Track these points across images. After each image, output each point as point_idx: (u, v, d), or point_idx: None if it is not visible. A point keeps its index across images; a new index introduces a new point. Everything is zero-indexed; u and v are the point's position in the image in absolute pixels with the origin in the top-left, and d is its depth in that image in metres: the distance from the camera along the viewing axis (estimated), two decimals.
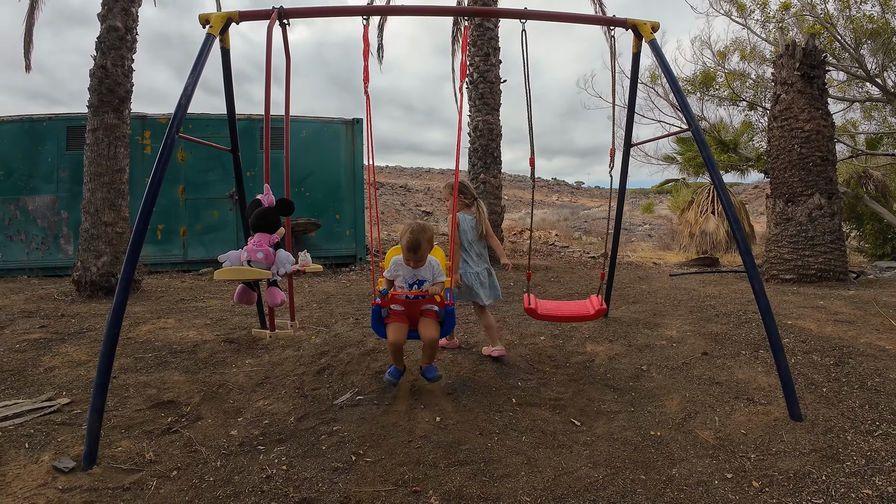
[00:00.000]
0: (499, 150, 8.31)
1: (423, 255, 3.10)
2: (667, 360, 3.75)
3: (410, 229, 3.10)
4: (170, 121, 2.84)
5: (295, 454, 2.58)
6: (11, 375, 3.57)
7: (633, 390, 3.28)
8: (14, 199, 8.52)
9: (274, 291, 3.28)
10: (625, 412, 2.98)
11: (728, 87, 12.49)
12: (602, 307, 3.37)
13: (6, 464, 2.46)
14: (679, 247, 13.45)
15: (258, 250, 3.00)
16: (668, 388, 3.27)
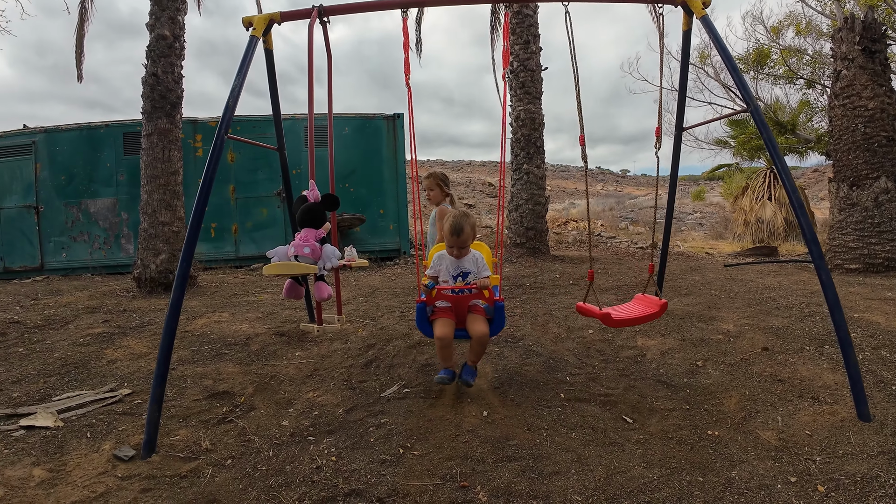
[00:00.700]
0: (541, 140, 8.14)
1: (465, 240, 3.00)
2: (724, 356, 3.57)
3: (452, 215, 3.05)
4: (219, 123, 2.91)
5: (344, 445, 2.61)
6: (75, 368, 3.78)
7: (688, 387, 3.13)
8: (76, 202, 9.08)
9: (321, 286, 3.32)
10: (679, 410, 2.85)
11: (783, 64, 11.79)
12: (663, 302, 3.16)
13: (68, 453, 2.58)
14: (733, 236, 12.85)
15: (305, 245, 3.04)
16: (727, 386, 3.11)
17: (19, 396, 3.27)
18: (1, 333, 4.60)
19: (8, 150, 9.14)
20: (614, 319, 2.99)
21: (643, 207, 17.49)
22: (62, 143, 9.07)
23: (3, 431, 2.78)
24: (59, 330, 4.79)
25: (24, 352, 4.11)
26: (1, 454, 2.54)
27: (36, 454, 2.55)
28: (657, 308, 3.12)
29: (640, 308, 3.22)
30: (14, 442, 2.66)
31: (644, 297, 3.38)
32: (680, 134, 3.67)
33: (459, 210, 3.13)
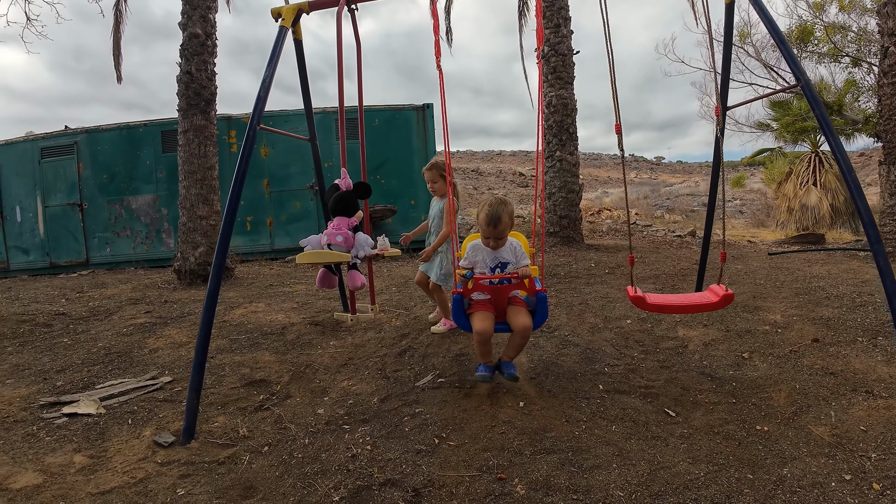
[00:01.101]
0: (574, 126, 7.92)
1: (503, 230, 2.84)
2: (771, 347, 3.40)
3: (489, 203, 2.86)
4: (251, 115, 2.93)
5: (379, 434, 2.60)
6: (118, 357, 3.89)
7: (734, 380, 2.99)
8: (118, 199, 9.41)
9: (354, 275, 3.31)
10: (725, 403, 2.72)
11: (827, 41, 11.19)
12: (728, 292, 2.76)
13: (109, 439, 2.64)
14: (776, 223, 12.31)
15: (337, 233, 3.02)
16: (775, 379, 2.95)
17: (63, 385, 3.38)
18: (46, 325, 4.80)
19: (51, 150, 9.54)
20: (648, 304, 2.81)
21: (679, 195, 16.94)
22: (103, 142, 9.39)
23: (46, 419, 2.87)
24: (103, 321, 4.96)
25: (68, 342, 4.27)
26: (42, 441, 2.62)
27: (77, 441, 2.62)
28: (717, 298, 2.81)
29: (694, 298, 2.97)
30: (56, 429, 2.74)
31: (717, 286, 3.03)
32: (724, 114, 3.49)
33: (496, 197, 2.92)
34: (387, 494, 2.12)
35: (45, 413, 2.95)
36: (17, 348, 4.13)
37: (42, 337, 4.45)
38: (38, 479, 2.29)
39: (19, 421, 2.85)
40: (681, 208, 14.16)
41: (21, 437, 2.67)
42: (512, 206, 2.92)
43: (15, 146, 9.68)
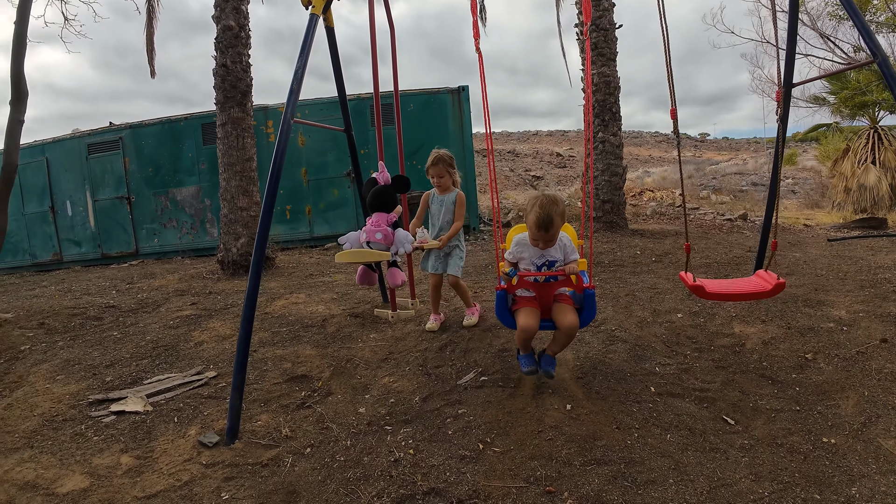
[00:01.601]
0: (617, 105, 7.54)
1: (554, 233, 2.61)
2: (837, 348, 3.15)
3: (539, 203, 2.59)
4: (284, 108, 2.86)
5: (421, 437, 2.55)
6: (165, 351, 3.97)
7: (797, 384, 2.78)
8: (164, 191, 9.69)
9: (394, 272, 3.25)
10: (788, 411, 2.54)
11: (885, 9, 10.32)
12: (780, 281, 2.67)
13: (155, 439, 2.66)
14: (831, 204, 11.55)
15: (377, 231, 2.95)
16: (842, 384, 2.73)
17: (112, 380, 3.45)
18: (97, 318, 4.96)
19: (98, 146, 9.88)
20: (707, 292, 2.66)
21: (726, 174, 16.02)
22: (146, 137, 9.66)
23: (94, 417, 2.92)
24: (151, 313, 5.10)
25: (118, 335, 4.39)
26: (90, 441, 2.65)
27: (125, 440, 2.65)
28: (770, 286, 2.66)
29: (748, 285, 2.82)
30: (104, 428, 2.78)
31: (765, 273, 2.93)
32: (789, 92, 3.19)
33: (546, 195, 2.63)
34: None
35: (94, 411, 3.00)
36: (67, 343, 4.27)
37: (92, 330, 4.60)
38: (85, 482, 2.32)
39: (68, 420, 2.91)
40: (728, 188, 13.40)
41: (69, 436, 2.71)
42: (563, 205, 2.66)
43: (63, 143, 10.08)
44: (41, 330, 4.61)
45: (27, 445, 2.63)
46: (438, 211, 3.90)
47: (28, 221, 10.48)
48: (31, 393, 3.27)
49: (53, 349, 4.11)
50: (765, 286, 2.71)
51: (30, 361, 3.86)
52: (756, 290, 2.70)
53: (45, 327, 4.67)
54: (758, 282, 2.83)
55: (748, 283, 2.89)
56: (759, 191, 12.90)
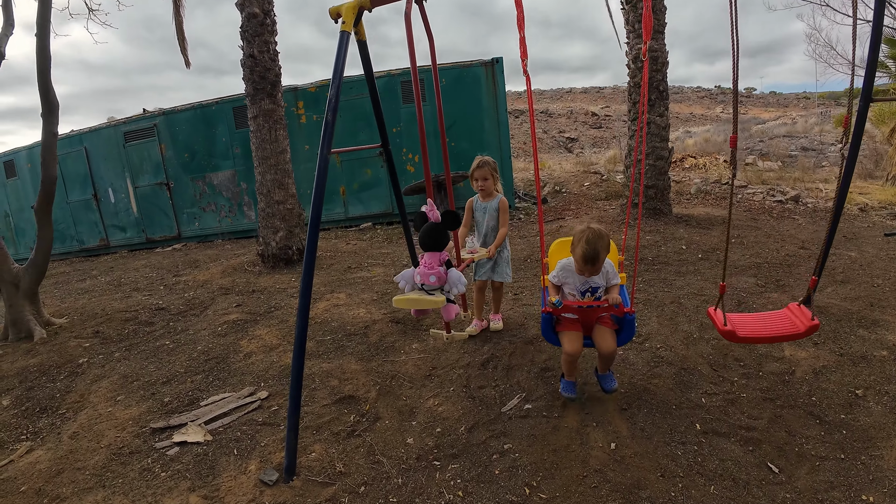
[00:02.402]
0: (665, 84, 7.00)
1: (600, 266, 2.81)
2: (888, 383, 2.98)
3: (586, 238, 2.72)
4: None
5: (469, 476, 2.60)
6: (217, 364, 4.09)
7: (845, 426, 2.66)
8: (201, 176, 9.84)
9: (449, 308, 3.19)
10: (833, 459, 2.44)
11: None
12: (814, 322, 2.61)
13: (219, 475, 2.73)
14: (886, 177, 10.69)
15: (430, 273, 2.89)
16: (888, 431, 2.59)
17: (170, 401, 3.57)
18: (149, 323, 5.17)
19: (135, 134, 10.04)
20: (738, 337, 2.62)
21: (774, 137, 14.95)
22: (180, 123, 9.74)
23: (159, 450, 3.00)
24: (199, 316, 5.28)
25: (170, 345, 4.56)
26: (158, 478, 2.73)
27: (191, 477, 2.71)
28: (804, 328, 2.60)
29: (780, 326, 2.72)
30: (169, 462, 2.86)
31: (798, 308, 2.83)
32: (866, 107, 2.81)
33: (592, 228, 2.75)
34: None
35: (157, 441, 3.10)
36: (123, 353, 4.46)
37: (145, 338, 4.79)
38: None
39: (134, 452, 3.00)
40: (776, 153, 12.49)
41: (138, 473, 2.79)
42: (608, 238, 2.81)
43: (99, 132, 10.29)
44: (96, 339, 4.81)
45: (99, 485, 2.73)
46: (482, 218, 3.96)
47: (73, 209, 10.89)
48: (94, 418, 3.40)
49: (110, 362, 4.28)
50: (798, 327, 2.61)
51: (89, 377, 4.02)
52: (790, 332, 2.61)
53: (101, 336, 4.87)
54: (791, 320, 2.72)
55: (781, 320, 2.76)
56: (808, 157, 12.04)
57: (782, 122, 19.72)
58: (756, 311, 4.01)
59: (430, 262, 2.93)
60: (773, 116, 24.85)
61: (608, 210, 8.04)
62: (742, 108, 32.07)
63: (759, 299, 4.29)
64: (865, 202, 7.76)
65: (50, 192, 5.17)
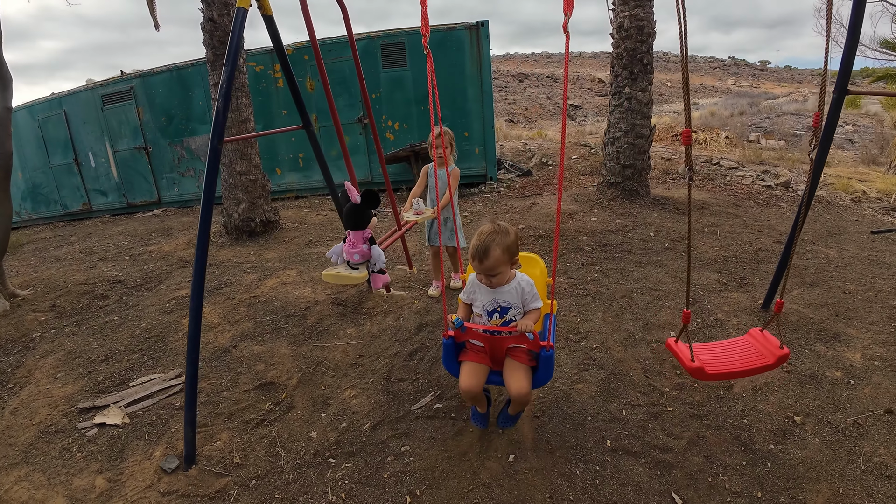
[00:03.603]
0: (650, 56, 6.47)
1: (492, 266, 2.25)
2: (833, 411, 2.70)
3: (479, 231, 2.30)
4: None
5: (358, 478, 2.53)
6: (155, 342, 4.08)
7: (771, 459, 2.41)
8: (178, 140, 9.64)
9: (376, 278, 3.33)
10: (747, 497, 2.20)
11: None
12: (783, 352, 2.30)
13: (126, 459, 2.79)
14: (888, 165, 10.09)
15: (354, 252, 3.04)
16: (820, 470, 2.33)
17: (103, 380, 3.58)
18: (103, 297, 5.13)
19: (112, 97, 9.80)
20: (708, 374, 2.28)
21: (781, 114, 14.14)
22: (156, 86, 9.48)
23: (80, 430, 3.06)
24: (152, 290, 5.22)
25: (118, 321, 4.52)
26: (74, 458, 2.81)
27: (101, 459, 2.78)
28: (773, 360, 2.31)
29: (749, 359, 2.40)
30: (86, 444, 2.92)
31: (761, 335, 2.50)
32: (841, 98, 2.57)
33: (494, 224, 2.32)
34: None
35: (81, 421, 3.15)
36: (73, 329, 4.45)
37: (97, 313, 4.76)
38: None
39: (60, 431, 3.07)
40: (781, 131, 11.82)
41: (58, 452, 2.88)
42: (513, 237, 2.31)
43: (78, 95, 10.07)
44: (52, 313, 4.82)
45: (24, 461, 2.82)
46: (437, 185, 4.17)
47: (55, 174, 10.81)
48: (34, 394, 3.47)
49: (60, 337, 4.30)
50: (766, 358, 2.32)
51: (39, 352, 4.07)
52: (759, 364, 2.31)
53: (56, 310, 4.88)
54: (758, 350, 2.41)
55: (747, 351, 2.44)
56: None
57: (793, 98, 18.76)
58: (709, 312, 3.83)
59: (355, 240, 3.05)
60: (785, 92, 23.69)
61: (587, 187, 7.73)
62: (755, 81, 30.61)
63: (716, 298, 4.05)
64: (863, 190, 7.34)
65: (6, 168, 5.10)
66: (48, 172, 10.77)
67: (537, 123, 17.80)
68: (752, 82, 30.50)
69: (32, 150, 10.84)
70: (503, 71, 27.35)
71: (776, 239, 5.28)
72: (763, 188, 7.41)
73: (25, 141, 10.72)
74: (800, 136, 11.43)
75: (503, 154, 10.70)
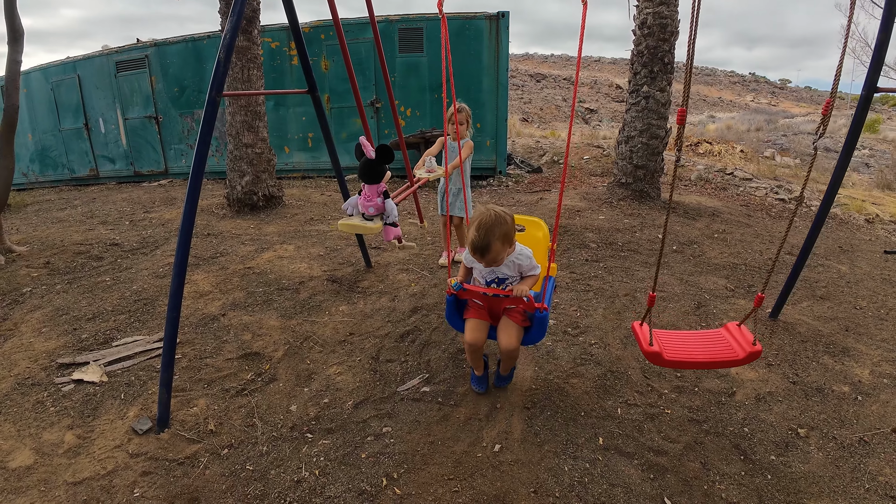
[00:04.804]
0: (672, 55, 6.27)
1: (493, 258, 2.39)
2: (839, 427, 2.54)
3: (477, 224, 2.31)
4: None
5: (335, 455, 2.41)
6: (144, 305, 3.99)
7: (772, 470, 2.26)
8: (189, 112, 9.55)
9: (388, 230, 3.36)
10: None
11: None
12: (755, 348, 2.21)
13: (99, 416, 2.71)
14: None
15: (369, 205, 3.09)
16: (823, 486, 2.18)
17: (87, 338, 3.52)
18: (98, 258, 5.05)
19: (125, 64, 9.73)
20: (665, 359, 2.21)
21: (798, 133, 13.78)
22: (171, 55, 9.39)
23: (56, 385, 3.00)
24: (147, 255, 5.14)
25: (109, 282, 4.45)
26: (46, 412, 2.74)
27: (73, 416, 2.72)
28: (742, 355, 2.20)
29: (714, 350, 2.30)
30: (61, 399, 2.86)
31: (738, 329, 2.41)
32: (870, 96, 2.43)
33: (490, 211, 2.33)
34: None
35: (59, 376, 3.08)
36: (65, 286, 4.38)
37: (89, 273, 4.69)
38: (31, 459, 2.41)
39: (36, 384, 3.00)
40: (796, 149, 11.51)
41: (32, 405, 2.81)
42: (508, 226, 2.34)
43: (92, 60, 10.00)
44: (45, 270, 4.76)
45: None
46: (450, 156, 4.19)
47: (65, 138, 10.76)
48: (17, 347, 3.42)
49: (50, 293, 4.24)
50: (736, 353, 2.19)
51: (27, 307, 4.02)
52: (726, 357, 2.20)
53: (50, 267, 4.82)
54: (728, 343, 2.29)
55: (716, 343, 2.33)
56: (830, 157, 11.14)
57: (811, 118, 18.42)
58: (714, 317, 3.69)
59: (369, 194, 3.09)
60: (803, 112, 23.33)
61: (597, 187, 7.58)
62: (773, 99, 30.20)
63: (723, 304, 3.90)
64: (876, 213, 7.15)
65: (12, 122, 5.08)
66: (58, 136, 10.72)
67: (551, 124, 17.61)
68: (770, 100, 30.08)
69: (44, 113, 10.80)
70: (521, 70, 27.12)
71: (787, 251, 5.11)
72: (776, 201, 7.21)
73: (38, 103, 10.69)
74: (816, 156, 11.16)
75: (514, 150, 10.57)
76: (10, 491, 2.21)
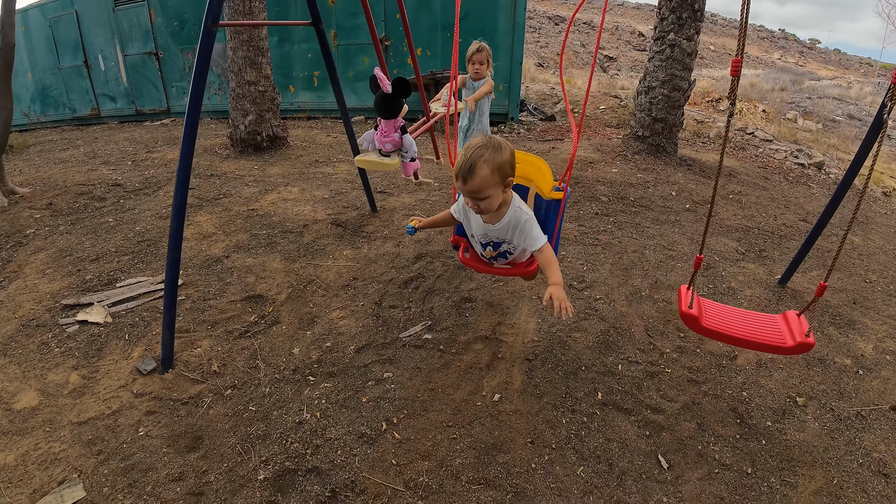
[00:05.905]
0: (703, 2, 5.82)
1: (481, 188, 1.91)
2: (838, 399, 2.52)
3: (466, 144, 1.95)
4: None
5: (335, 399, 2.44)
6: (148, 246, 3.97)
7: (767, 436, 2.26)
8: (190, 48, 9.18)
9: (406, 165, 3.28)
10: (736, 472, 2.07)
11: None
12: (807, 340, 1.98)
13: (104, 357, 2.74)
14: None
15: (386, 141, 2.98)
16: (815, 455, 2.19)
17: (91, 279, 3.51)
18: (101, 198, 4.99)
19: None
20: (703, 326, 2.07)
21: (823, 97, 13.09)
22: None
23: (61, 326, 3.01)
24: (150, 196, 5.08)
25: (112, 223, 4.41)
26: (51, 353, 2.76)
27: (78, 356, 2.74)
28: (791, 343, 2.01)
29: (759, 331, 2.11)
30: (65, 340, 2.88)
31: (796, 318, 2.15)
32: None
33: (486, 138, 1.96)
34: (307, 485, 2.01)
35: (63, 317, 3.09)
36: (68, 227, 4.35)
37: (92, 214, 4.64)
38: (36, 399, 2.45)
39: (41, 326, 3.02)
40: (820, 113, 10.95)
41: (36, 346, 2.83)
42: (506, 155, 1.93)
43: None
44: (48, 211, 4.72)
45: (2, 353, 2.77)
46: (470, 94, 4.15)
47: (65, 76, 10.43)
48: (21, 289, 3.43)
49: (54, 234, 4.22)
50: (785, 340, 2.03)
51: (31, 248, 4.00)
52: (771, 342, 2.04)
53: (52, 208, 4.78)
54: (779, 329, 2.12)
55: (765, 325, 2.18)
56: (853, 125, 10.58)
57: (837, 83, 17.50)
58: (722, 279, 3.61)
59: (386, 129, 2.98)
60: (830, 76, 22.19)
61: (612, 139, 7.33)
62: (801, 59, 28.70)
63: (732, 267, 3.81)
64: (894, 187, 6.91)
65: (8, 60, 4.89)
66: (58, 74, 10.41)
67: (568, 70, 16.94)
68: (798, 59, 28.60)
69: (43, 52, 10.44)
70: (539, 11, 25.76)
71: (802, 217, 4.98)
72: (795, 165, 6.95)
73: (36, 41, 10.31)
74: (838, 122, 10.70)
75: (528, 96, 10.20)
76: (15, 432, 2.25)
